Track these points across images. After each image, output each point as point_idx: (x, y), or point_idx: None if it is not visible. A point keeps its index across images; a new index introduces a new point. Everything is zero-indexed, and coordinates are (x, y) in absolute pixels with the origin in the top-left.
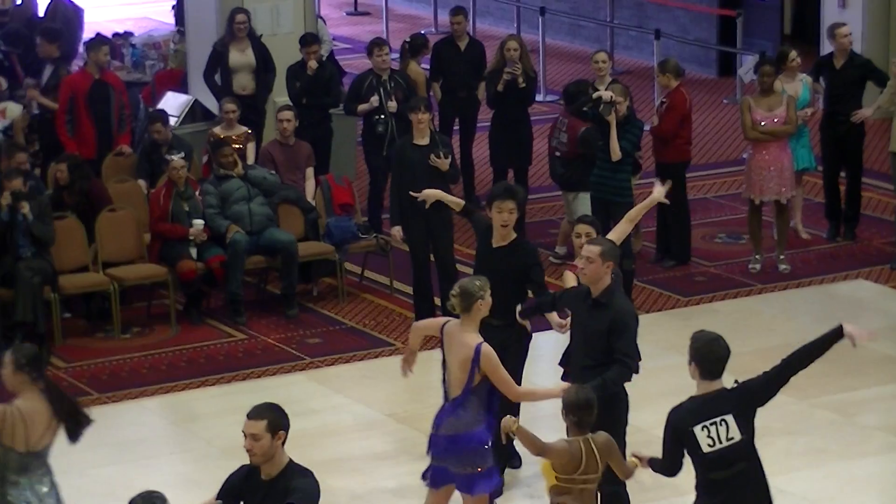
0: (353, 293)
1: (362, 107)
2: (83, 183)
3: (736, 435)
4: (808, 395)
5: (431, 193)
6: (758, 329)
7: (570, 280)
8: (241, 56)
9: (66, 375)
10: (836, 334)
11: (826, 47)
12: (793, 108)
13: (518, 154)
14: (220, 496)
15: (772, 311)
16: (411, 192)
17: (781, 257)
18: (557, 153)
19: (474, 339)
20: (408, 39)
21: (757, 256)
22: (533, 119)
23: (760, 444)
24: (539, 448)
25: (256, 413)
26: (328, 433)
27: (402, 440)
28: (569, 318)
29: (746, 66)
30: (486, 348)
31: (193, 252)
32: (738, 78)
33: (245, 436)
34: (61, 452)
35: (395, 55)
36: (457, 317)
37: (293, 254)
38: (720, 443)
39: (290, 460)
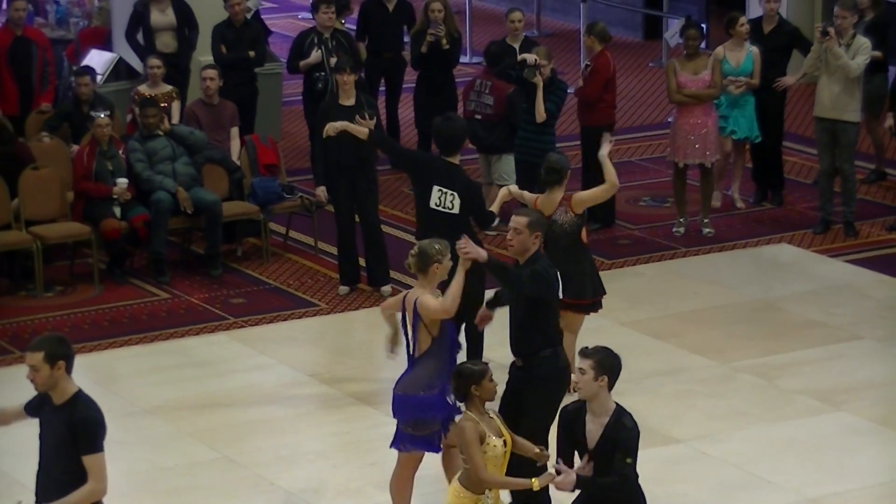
0: (277, 253)
1: (305, 61)
2: (8, 147)
3: None
4: (730, 359)
5: (337, 126)
6: (681, 292)
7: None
8: (161, 16)
9: None
10: None
11: (752, 12)
12: (718, 71)
13: None
14: (27, 408)
15: (696, 274)
16: (328, 133)
17: (705, 221)
18: (478, 116)
19: (415, 295)
20: None
21: (681, 220)
22: (458, 81)
23: (683, 406)
24: None
25: (35, 345)
26: (251, 393)
27: (325, 401)
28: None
29: (672, 29)
30: (422, 298)
31: (117, 211)
32: (664, 41)
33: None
34: None
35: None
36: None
37: (217, 214)
38: None
39: (79, 390)
